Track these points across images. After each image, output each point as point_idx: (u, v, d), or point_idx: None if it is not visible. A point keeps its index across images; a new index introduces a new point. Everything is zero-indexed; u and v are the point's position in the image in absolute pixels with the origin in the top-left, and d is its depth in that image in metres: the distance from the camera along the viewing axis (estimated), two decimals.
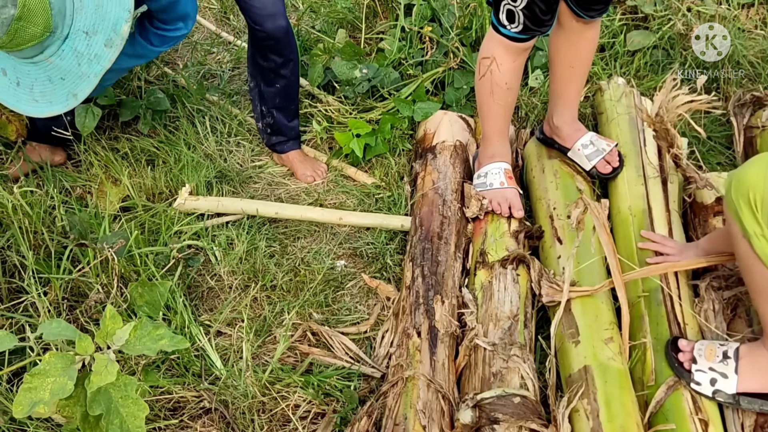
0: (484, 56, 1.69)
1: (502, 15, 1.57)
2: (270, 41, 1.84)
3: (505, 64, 1.66)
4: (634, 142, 1.89)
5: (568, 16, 1.65)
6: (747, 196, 1.24)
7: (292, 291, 1.74)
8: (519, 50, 1.64)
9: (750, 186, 1.24)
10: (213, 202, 1.90)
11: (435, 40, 2.34)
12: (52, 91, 1.41)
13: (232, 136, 2.18)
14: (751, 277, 1.31)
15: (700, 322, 1.50)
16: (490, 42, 1.66)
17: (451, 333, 1.56)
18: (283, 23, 1.83)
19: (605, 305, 1.55)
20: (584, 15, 1.62)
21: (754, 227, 1.24)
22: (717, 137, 2.14)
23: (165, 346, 1.31)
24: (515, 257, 1.66)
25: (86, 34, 1.37)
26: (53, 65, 1.39)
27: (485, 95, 1.74)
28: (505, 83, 1.69)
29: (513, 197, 1.81)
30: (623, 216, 1.74)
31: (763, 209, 1.22)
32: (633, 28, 2.42)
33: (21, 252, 1.60)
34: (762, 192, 1.22)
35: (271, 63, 1.90)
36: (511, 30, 1.58)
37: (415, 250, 1.73)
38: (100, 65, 1.39)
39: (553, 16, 1.59)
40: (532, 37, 1.61)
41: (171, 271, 1.68)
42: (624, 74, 2.29)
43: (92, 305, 1.56)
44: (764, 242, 1.23)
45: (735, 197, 1.26)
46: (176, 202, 1.87)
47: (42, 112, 1.47)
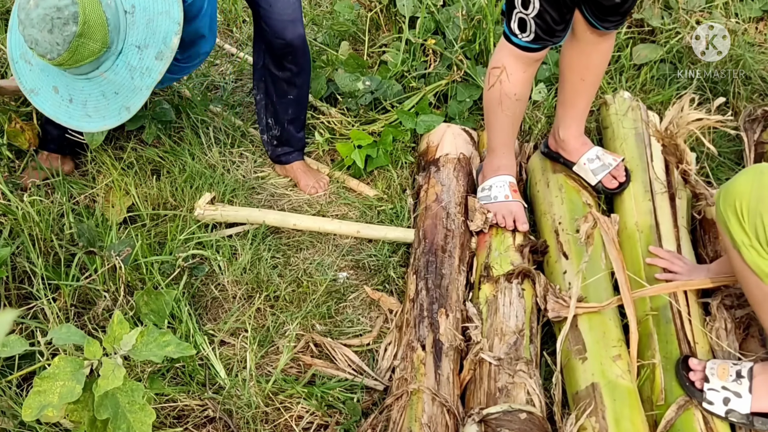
0: (494, 66, 1.73)
1: (513, 24, 1.62)
2: (288, 49, 1.92)
3: (515, 74, 1.71)
4: (640, 158, 1.96)
5: (583, 26, 1.70)
6: (734, 207, 1.31)
7: (295, 302, 1.82)
8: (530, 60, 1.69)
9: (736, 196, 1.30)
10: (231, 212, 1.98)
11: (438, 52, 2.43)
12: (106, 106, 1.51)
13: (235, 147, 2.28)
14: (748, 289, 1.38)
15: (712, 341, 1.53)
16: (501, 51, 1.71)
17: (455, 347, 1.62)
18: (302, 30, 1.92)
19: (613, 322, 1.60)
20: (600, 26, 1.67)
21: (742, 237, 1.30)
22: (726, 152, 2.21)
23: (171, 353, 1.39)
24: (520, 271, 1.73)
25: (138, 48, 1.47)
26: (107, 80, 1.49)
27: (493, 105, 1.78)
28: (515, 94, 1.74)
29: (518, 210, 1.87)
30: (630, 231, 1.80)
31: (749, 219, 1.29)
32: (639, 42, 2.51)
33: (31, 259, 1.70)
34: (748, 201, 1.29)
35: (287, 72, 1.98)
36: (522, 39, 1.63)
37: (418, 262, 1.81)
38: (152, 78, 1.49)
39: (566, 26, 1.64)
40: (544, 48, 1.66)
41: (176, 280, 1.77)
42: (630, 88, 2.37)
43: (100, 312, 1.65)
44: (753, 252, 1.30)
45: (723, 208, 1.33)
46: (195, 211, 1.95)
47: (95, 127, 1.57)
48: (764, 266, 1.30)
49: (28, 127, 2.02)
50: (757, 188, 1.29)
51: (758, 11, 2.56)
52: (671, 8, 2.55)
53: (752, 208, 1.28)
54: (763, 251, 1.29)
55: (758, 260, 1.30)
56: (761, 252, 1.29)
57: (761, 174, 1.30)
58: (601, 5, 1.62)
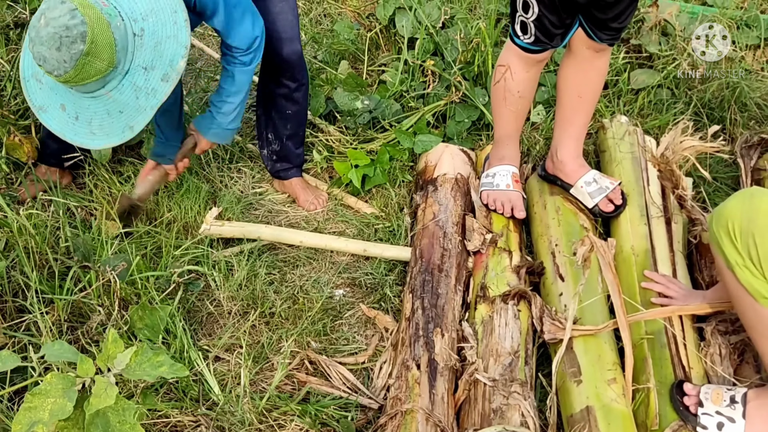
0: (500, 64, 1.88)
1: (517, 26, 1.74)
2: (286, 65, 1.97)
3: (519, 74, 1.84)
4: (637, 181, 2.00)
5: (581, 42, 1.78)
6: (726, 227, 1.35)
7: (291, 319, 1.84)
8: (533, 61, 1.81)
9: (729, 217, 1.35)
10: (237, 227, 2.00)
11: (437, 73, 2.48)
12: (110, 124, 1.54)
13: (233, 163, 2.31)
14: (742, 311, 1.41)
15: (706, 366, 1.56)
16: (507, 51, 1.84)
17: (450, 367, 1.64)
18: (299, 47, 1.98)
19: (608, 345, 1.62)
20: (596, 37, 1.75)
21: (735, 257, 1.34)
22: (723, 178, 2.24)
23: (164, 373, 1.40)
24: (517, 292, 1.75)
25: (145, 70, 1.52)
26: (113, 99, 1.53)
27: (498, 101, 1.92)
28: (518, 91, 1.87)
29: (516, 200, 1.97)
30: (625, 255, 1.83)
31: (741, 238, 1.32)
32: (637, 67, 2.56)
33: (25, 272, 1.71)
34: (740, 221, 1.33)
35: (285, 89, 2.03)
36: (524, 41, 1.75)
37: (415, 281, 1.83)
38: (157, 99, 1.53)
39: (566, 31, 1.74)
40: (544, 50, 1.77)
41: (171, 295, 1.78)
42: (627, 112, 2.42)
43: (94, 327, 1.66)
44: (747, 272, 1.33)
45: (716, 229, 1.37)
46: (201, 227, 1.97)
47: (99, 145, 1.62)
48: (757, 285, 1.33)
49: (27, 141, 2.04)
50: (748, 209, 1.33)
51: (755, 39, 2.62)
52: (669, 35, 2.61)
53: (744, 228, 1.32)
54: (757, 271, 1.33)
55: (752, 280, 1.33)
56: (754, 272, 1.33)
57: (751, 196, 1.35)
58: (595, 18, 1.70)
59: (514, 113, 1.93)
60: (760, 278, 1.32)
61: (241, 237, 2.01)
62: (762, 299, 1.33)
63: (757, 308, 1.35)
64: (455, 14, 2.65)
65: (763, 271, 1.32)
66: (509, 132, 1.99)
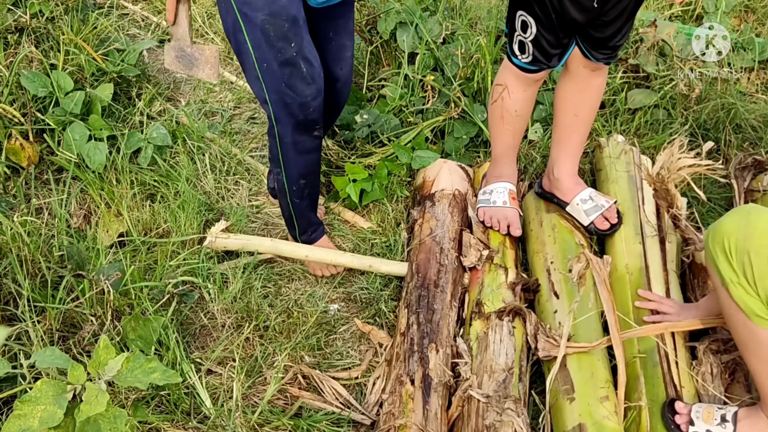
0: (497, 83, 1.89)
1: (515, 45, 1.75)
2: (331, 114, 1.90)
3: (516, 93, 1.85)
4: (632, 200, 2.02)
5: (577, 61, 1.80)
6: (722, 244, 1.36)
7: (285, 332, 1.84)
8: (530, 81, 1.83)
9: (725, 234, 1.36)
10: (243, 240, 1.98)
11: (437, 89, 2.50)
12: None
13: (230, 175, 2.32)
14: (735, 328, 1.42)
15: (698, 385, 1.57)
16: (504, 70, 1.86)
17: (444, 383, 1.64)
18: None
19: (601, 363, 1.63)
20: (592, 56, 1.77)
21: (730, 274, 1.35)
22: (717, 199, 2.26)
23: (157, 380, 1.40)
24: (512, 309, 1.76)
25: None
26: None
27: (496, 119, 1.94)
28: (515, 110, 1.89)
29: (513, 217, 1.98)
30: (620, 274, 1.84)
31: (737, 256, 1.34)
32: (634, 87, 2.59)
33: (17, 280, 1.71)
34: (736, 239, 1.34)
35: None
36: (521, 60, 1.76)
37: (410, 296, 1.84)
38: None
39: (564, 51, 1.75)
40: (542, 70, 1.78)
41: (165, 306, 1.78)
42: (624, 132, 2.44)
43: (86, 337, 1.65)
44: (741, 289, 1.35)
45: (712, 246, 1.39)
46: (206, 240, 1.95)
47: None
48: (750, 303, 1.35)
49: (28, 145, 2.05)
50: (744, 227, 1.34)
51: (750, 62, 2.66)
52: (666, 55, 2.65)
53: (740, 246, 1.34)
54: (750, 289, 1.34)
55: (745, 297, 1.35)
56: (748, 289, 1.34)
57: (748, 214, 1.36)
58: (592, 37, 1.72)
59: (511, 132, 1.95)
60: (754, 296, 1.34)
61: (245, 250, 1.99)
62: (754, 317, 1.35)
63: (749, 326, 1.37)
64: (456, 30, 2.68)
65: (756, 290, 1.33)
66: (507, 150, 2.01)
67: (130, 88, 2.55)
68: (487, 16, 2.80)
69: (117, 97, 2.46)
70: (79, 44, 2.41)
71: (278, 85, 1.61)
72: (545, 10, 1.62)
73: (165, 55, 1.65)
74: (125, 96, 2.52)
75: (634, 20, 1.74)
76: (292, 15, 1.52)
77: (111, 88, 2.36)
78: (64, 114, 2.25)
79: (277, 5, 1.50)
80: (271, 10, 1.50)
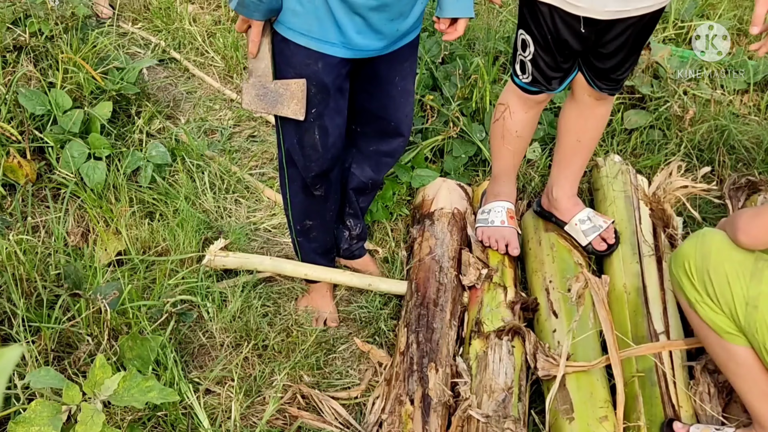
0: (500, 102, 1.89)
1: (517, 65, 1.76)
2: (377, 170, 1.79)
3: (517, 114, 1.85)
4: (629, 220, 2.02)
5: (582, 88, 1.81)
6: (683, 268, 1.42)
7: (284, 352, 1.82)
8: (531, 102, 1.82)
9: (685, 257, 1.42)
10: (242, 259, 1.96)
11: (436, 108, 2.52)
12: None
13: (230, 193, 2.31)
14: (712, 350, 1.45)
15: (696, 405, 1.56)
16: (507, 90, 1.86)
17: (444, 402, 1.62)
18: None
19: (600, 382, 1.62)
20: (596, 86, 1.77)
21: (694, 295, 1.40)
22: (711, 218, 2.27)
23: (154, 399, 1.38)
24: (511, 328, 1.75)
25: None
26: None
27: (497, 138, 1.94)
28: (516, 131, 1.88)
29: (511, 236, 1.97)
30: (618, 293, 1.84)
31: (697, 276, 1.40)
32: (630, 107, 2.61)
33: (12, 299, 1.68)
34: (695, 259, 1.40)
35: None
36: (522, 80, 1.77)
37: (410, 315, 1.83)
38: None
39: (565, 76, 1.74)
40: (542, 92, 1.78)
41: (163, 325, 1.76)
42: (621, 152, 2.46)
43: (81, 357, 1.63)
44: (706, 308, 1.39)
45: (675, 271, 1.45)
46: (205, 258, 1.93)
47: None
48: (718, 321, 1.38)
49: (26, 163, 2.04)
50: (700, 247, 1.41)
51: (743, 84, 2.70)
52: (660, 77, 2.68)
53: (699, 266, 1.40)
54: (715, 306, 1.38)
55: (712, 315, 1.39)
56: (713, 307, 1.39)
57: (703, 236, 1.44)
58: (594, 66, 1.72)
59: (511, 152, 1.94)
60: (720, 313, 1.38)
61: (244, 269, 1.97)
62: (725, 334, 1.38)
63: (723, 345, 1.39)
64: (455, 50, 2.71)
65: (720, 306, 1.37)
66: (506, 169, 2.01)
67: (130, 106, 2.54)
68: (485, 36, 2.83)
69: (116, 115, 2.45)
70: (78, 63, 2.41)
71: (291, 138, 1.58)
72: (541, 30, 1.63)
73: (244, 94, 1.52)
74: (124, 114, 2.52)
75: (638, 55, 1.73)
76: (322, 81, 1.46)
77: (110, 107, 2.36)
78: (63, 132, 2.25)
79: (309, 69, 1.44)
80: (302, 71, 1.44)
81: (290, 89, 1.47)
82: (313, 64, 1.44)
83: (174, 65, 2.98)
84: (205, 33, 3.07)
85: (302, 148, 1.58)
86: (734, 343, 1.38)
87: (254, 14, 1.37)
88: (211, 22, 3.16)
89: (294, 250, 1.93)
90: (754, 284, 1.33)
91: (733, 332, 1.37)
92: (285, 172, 1.69)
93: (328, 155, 1.59)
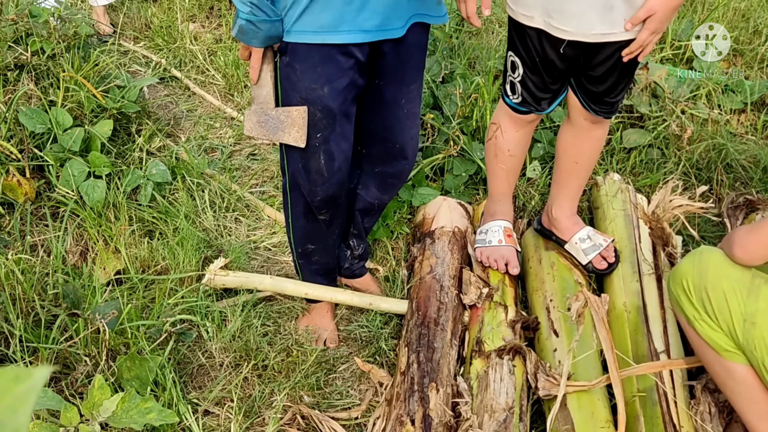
0: (493, 121, 1.92)
1: (507, 85, 1.78)
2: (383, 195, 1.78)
3: (509, 133, 1.87)
4: (629, 238, 2.02)
5: (577, 111, 1.81)
6: (682, 285, 1.43)
7: (284, 372, 1.80)
8: (522, 122, 1.84)
9: (682, 275, 1.43)
10: (242, 278, 1.94)
11: (436, 127, 2.53)
12: None
13: (230, 212, 2.31)
14: (711, 368, 1.44)
15: (696, 425, 1.55)
16: (500, 110, 1.88)
17: (445, 423, 1.60)
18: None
19: (601, 402, 1.61)
20: (591, 109, 1.77)
21: (693, 312, 1.41)
22: (710, 237, 2.28)
23: (153, 420, 1.37)
24: (512, 348, 1.74)
25: None
26: None
27: (491, 157, 1.96)
28: (508, 150, 1.90)
29: (509, 255, 1.97)
30: (618, 312, 1.83)
31: (696, 293, 1.40)
32: (629, 126, 2.63)
33: (9, 319, 1.66)
34: (692, 278, 1.41)
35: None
36: (513, 100, 1.79)
37: (411, 335, 1.81)
38: None
39: (554, 97, 1.76)
40: (530, 112, 1.79)
41: (162, 345, 1.74)
42: (620, 170, 2.47)
43: (79, 378, 1.61)
44: (705, 325, 1.39)
45: (673, 288, 1.45)
46: (205, 277, 1.91)
47: None
48: (716, 338, 1.38)
49: (26, 182, 2.03)
50: (698, 265, 1.42)
51: (740, 104, 2.72)
52: (658, 96, 2.70)
53: (697, 284, 1.40)
54: (714, 323, 1.38)
55: (710, 332, 1.39)
56: (711, 324, 1.39)
57: (701, 253, 1.45)
58: (588, 90, 1.72)
59: (505, 171, 1.95)
60: (718, 330, 1.38)
61: (245, 288, 1.95)
62: (724, 352, 1.38)
63: (722, 362, 1.39)
64: (455, 69, 2.73)
65: (719, 323, 1.37)
66: (501, 188, 2.02)
67: (130, 125, 2.55)
68: (486, 56, 2.85)
69: (116, 133, 2.45)
70: (80, 81, 2.42)
71: (296, 163, 1.58)
72: (529, 52, 1.65)
73: (246, 121, 1.53)
74: (125, 132, 2.52)
75: (631, 78, 1.73)
76: (328, 106, 1.46)
77: (110, 125, 2.36)
78: (63, 150, 2.25)
79: (314, 94, 1.44)
80: (307, 96, 1.44)
81: (291, 116, 1.47)
82: (319, 89, 1.44)
83: (175, 83, 2.99)
84: (206, 51, 3.09)
85: (308, 173, 1.57)
86: (733, 360, 1.38)
87: (252, 41, 1.39)
88: (212, 40, 3.18)
89: (295, 270, 1.93)
90: (751, 301, 1.34)
91: (732, 350, 1.37)
92: (288, 196, 1.69)
93: (333, 180, 1.58)
